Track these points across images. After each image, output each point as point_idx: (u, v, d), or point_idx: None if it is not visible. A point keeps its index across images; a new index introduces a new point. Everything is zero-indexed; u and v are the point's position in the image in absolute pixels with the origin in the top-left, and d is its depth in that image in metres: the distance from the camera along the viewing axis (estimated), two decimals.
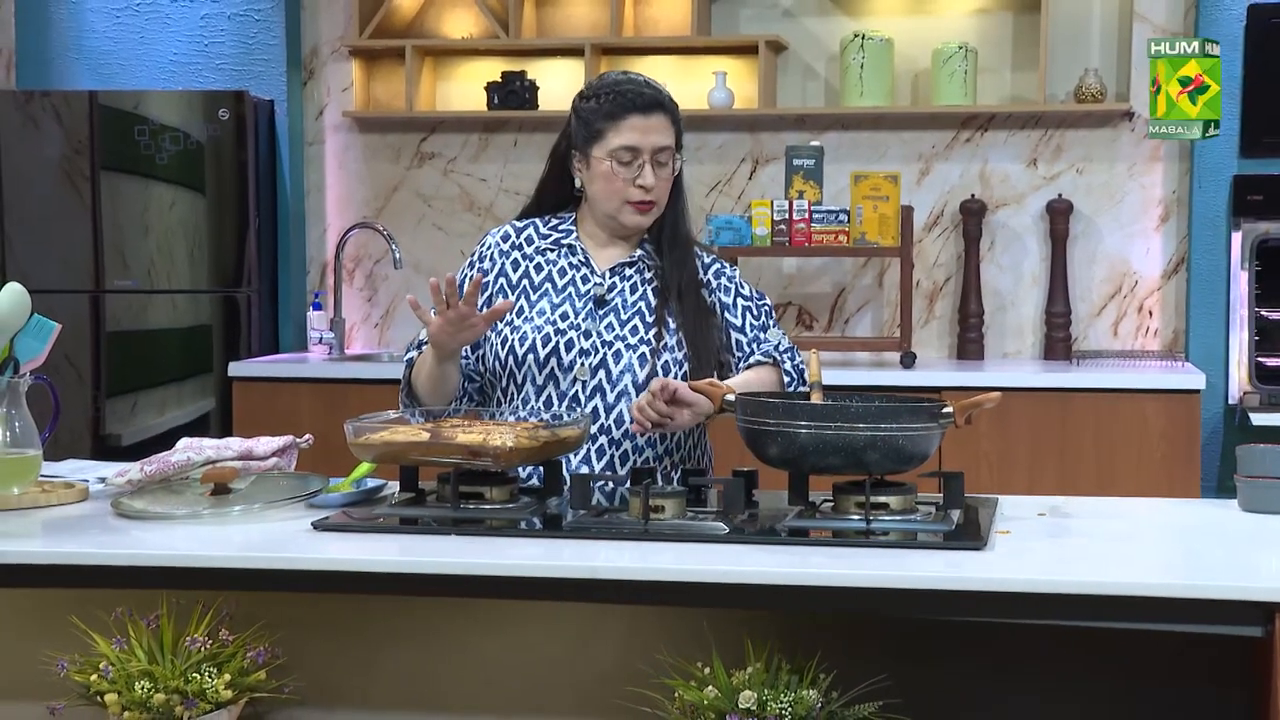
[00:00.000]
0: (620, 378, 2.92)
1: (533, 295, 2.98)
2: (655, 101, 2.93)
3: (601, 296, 2.97)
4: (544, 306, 2.96)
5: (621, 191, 2.93)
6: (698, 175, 5.80)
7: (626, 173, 2.92)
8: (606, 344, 2.93)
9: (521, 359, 2.93)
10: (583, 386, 2.91)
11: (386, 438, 2.60)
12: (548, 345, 2.92)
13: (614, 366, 2.92)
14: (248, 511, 2.60)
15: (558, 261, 3.01)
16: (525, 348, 2.93)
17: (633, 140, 2.90)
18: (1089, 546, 2.47)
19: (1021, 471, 5.03)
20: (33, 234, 5.83)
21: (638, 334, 2.95)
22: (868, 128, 5.70)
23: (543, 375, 2.92)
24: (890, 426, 2.51)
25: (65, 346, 5.82)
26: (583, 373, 2.91)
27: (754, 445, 2.62)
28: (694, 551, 2.39)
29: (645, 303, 2.98)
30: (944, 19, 5.69)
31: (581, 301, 2.97)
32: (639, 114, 2.91)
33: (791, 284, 5.78)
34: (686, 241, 3.04)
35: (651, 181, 2.91)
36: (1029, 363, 5.53)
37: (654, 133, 2.91)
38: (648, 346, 2.93)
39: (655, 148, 2.91)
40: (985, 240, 5.62)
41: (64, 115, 5.78)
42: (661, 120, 2.93)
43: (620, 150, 2.90)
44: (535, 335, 2.93)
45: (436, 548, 2.42)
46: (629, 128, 2.90)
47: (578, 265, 3.00)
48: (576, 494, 2.58)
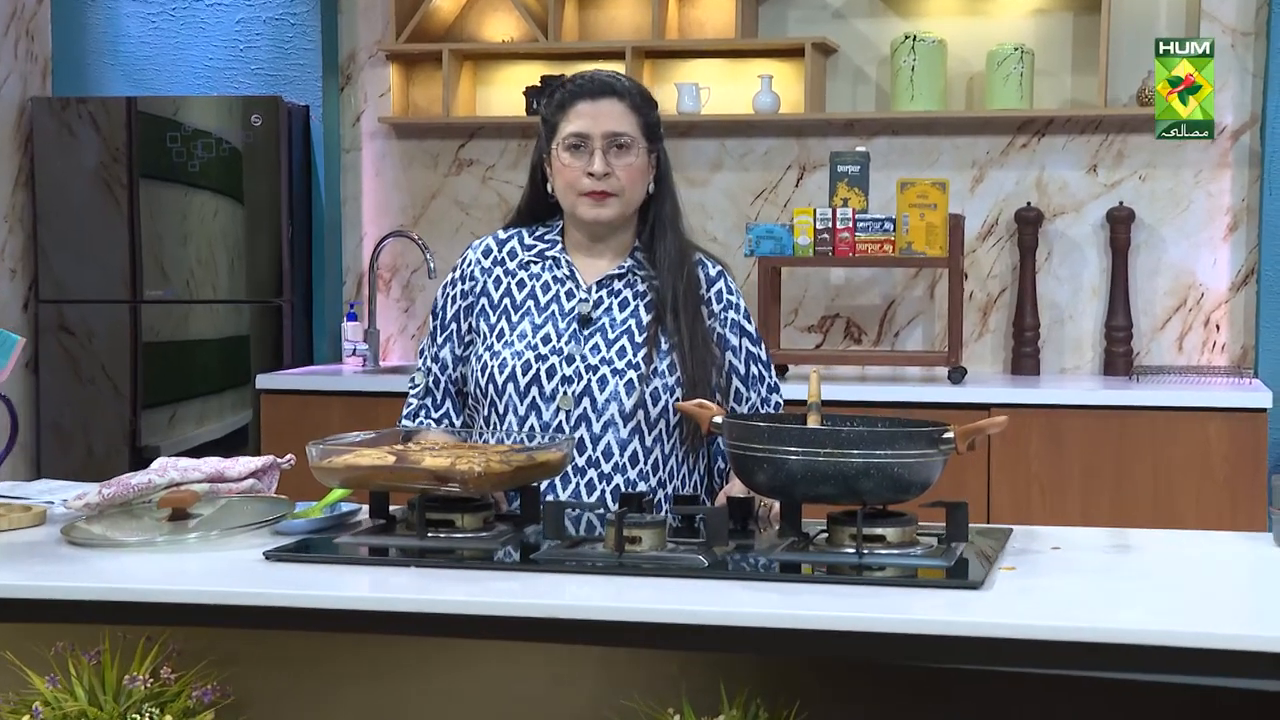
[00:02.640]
0: (606, 406, 2.75)
1: (514, 315, 2.82)
2: (605, 87, 2.77)
3: (587, 315, 2.81)
4: (525, 329, 2.80)
5: (575, 182, 2.77)
6: (742, 182, 5.64)
7: (576, 161, 2.76)
8: (591, 369, 2.76)
9: (501, 387, 2.77)
10: (566, 416, 2.75)
11: (350, 461, 2.47)
12: (528, 373, 2.76)
13: (599, 394, 2.75)
14: (204, 539, 2.47)
15: (541, 276, 2.85)
16: (505, 375, 2.77)
17: (580, 126, 2.75)
18: (1098, 586, 2.28)
19: (1074, 495, 4.82)
20: (69, 243, 5.77)
21: (625, 356, 2.77)
22: (919, 133, 5.51)
23: (524, 405, 2.76)
24: (885, 453, 2.34)
25: (101, 357, 5.77)
26: (565, 402, 2.75)
27: (742, 472, 2.46)
28: (667, 588, 2.23)
29: (636, 320, 2.81)
30: (999, 20, 5.49)
31: (565, 322, 2.81)
32: (586, 100, 2.76)
33: (839, 295, 5.60)
34: (681, 247, 2.85)
35: (600, 167, 2.74)
36: (1087, 379, 5.32)
37: (604, 118, 2.75)
38: (635, 372, 2.76)
39: (606, 132, 2.74)
40: (1042, 250, 5.42)
41: (101, 122, 5.73)
42: (614, 105, 2.76)
43: (569, 138, 2.75)
44: (515, 361, 2.77)
45: (393, 581, 2.28)
46: (576, 115, 2.76)
47: (562, 280, 2.84)
48: (550, 523, 2.42)
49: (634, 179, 2.79)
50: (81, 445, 5.83)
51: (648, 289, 2.83)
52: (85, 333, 5.81)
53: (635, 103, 2.79)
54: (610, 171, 2.76)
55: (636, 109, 2.79)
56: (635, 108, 2.79)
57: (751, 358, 2.89)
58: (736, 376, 2.87)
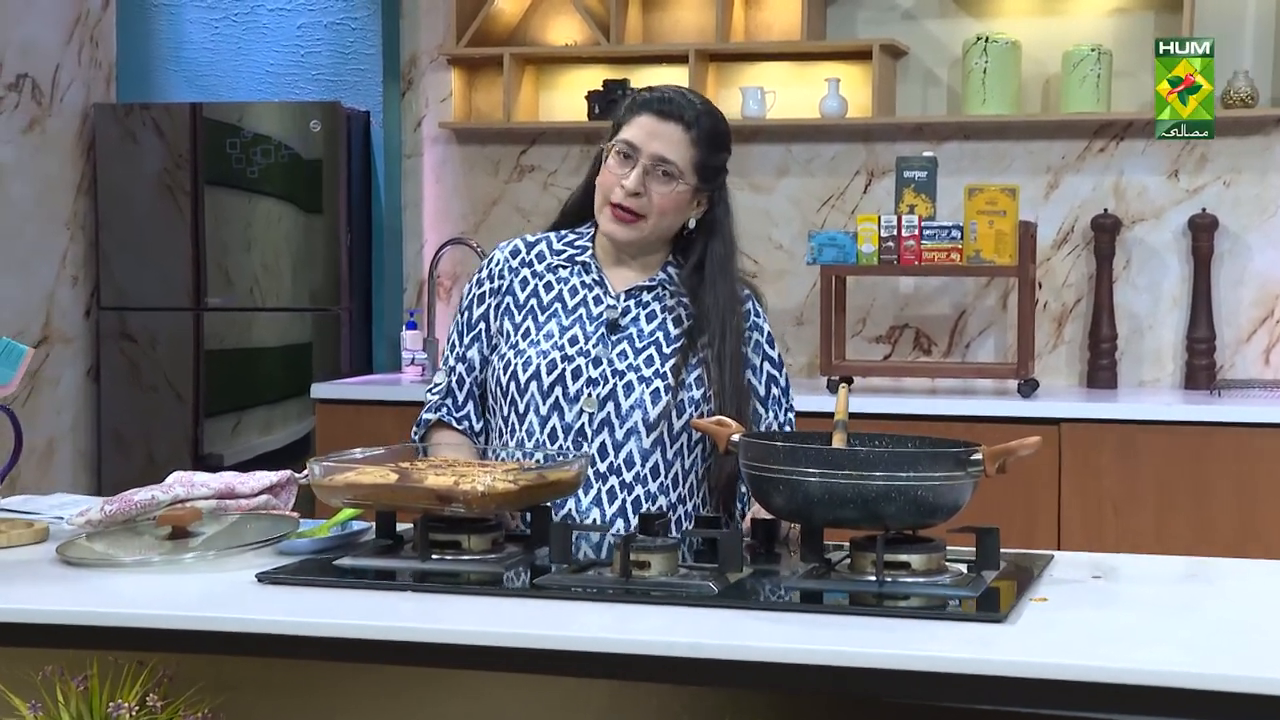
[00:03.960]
0: (630, 413, 2.68)
1: (540, 316, 2.75)
2: (675, 111, 2.68)
3: (615, 321, 2.73)
4: (552, 329, 2.73)
5: (608, 188, 2.70)
6: (808, 189, 5.51)
7: (619, 168, 2.68)
8: (618, 374, 2.69)
9: (524, 385, 2.70)
10: (589, 419, 2.67)
11: (351, 480, 2.38)
12: (553, 371, 2.69)
13: (624, 400, 2.68)
14: (202, 559, 2.40)
15: (569, 280, 2.77)
16: (529, 373, 2.70)
17: (634, 136, 2.68)
18: (1135, 620, 2.14)
19: (1149, 516, 4.64)
20: (131, 250, 5.77)
21: (653, 365, 2.70)
22: (991, 137, 5.35)
23: (546, 405, 2.68)
24: (908, 475, 2.22)
25: (164, 365, 5.76)
26: (590, 404, 2.67)
27: (759, 494, 2.35)
28: (674, 617, 2.13)
29: (664, 333, 2.73)
30: (1076, 19, 5.33)
31: (593, 325, 2.73)
32: (652, 115, 2.68)
33: (908, 305, 5.45)
34: (723, 277, 2.75)
35: (635, 185, 2.65)
36: (1166, 392, 5.14)
37: (659, 139, 2.67)
38: (662, 381, 2.69)
39: (655, 155, 2.66)
40: (1120, 259, 5.24)
41: (165, 128, 5.71)
42: (675, 131, 2.67)
43: (620, 143, 2.69)
44: (540, 360, 2.70)
45: (387, 607, 2.19)
46: (636, 125, 2.69)
47: (590, 285, 2.77)
48: (557, 546, 2.32)
49: (666, 208, 2.69)
50: (143, 453, 5.82)
51: (676, 304, 2.75)
52: (147, 340, 5.80)
53: (699, 137, 2.69)
54: (643, 192, 2.67)
55: (698, 144, 2.69)
56: (697, 142, 2.69)
57: (772, 380, 2.81)
58: (755, 397, 2.78)
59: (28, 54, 5.47)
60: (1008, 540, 4.55)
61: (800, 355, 5.49)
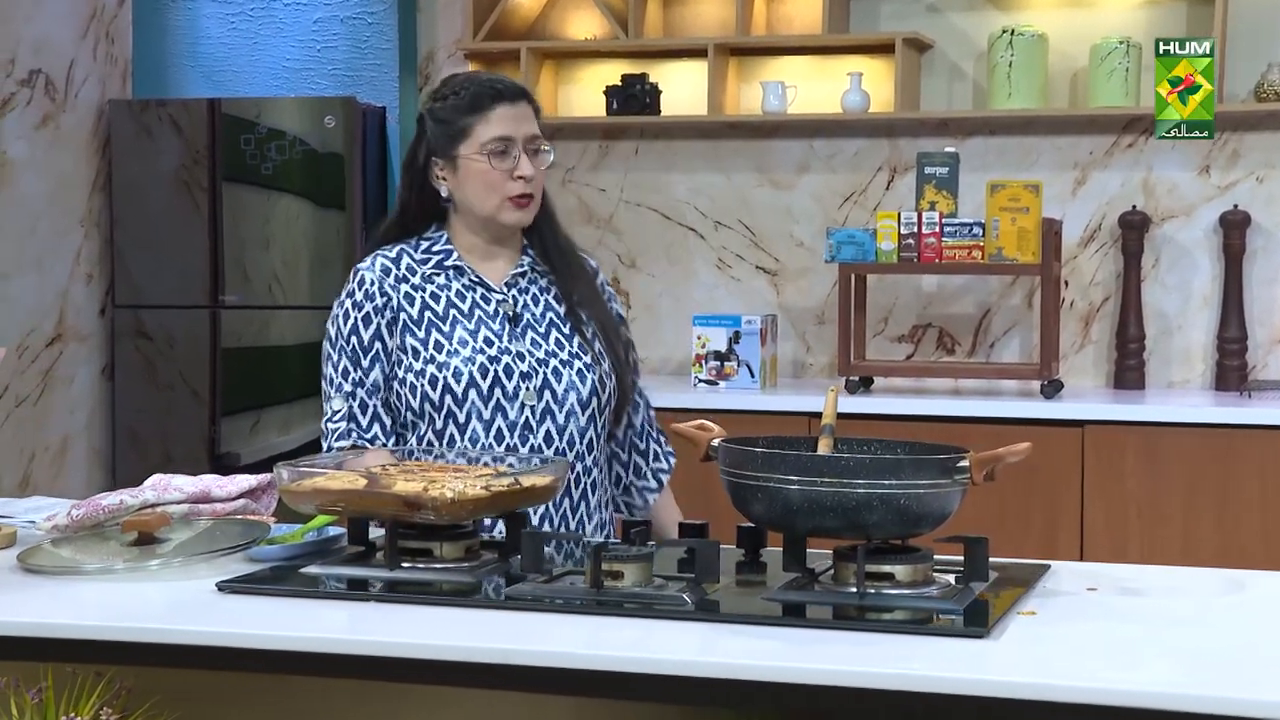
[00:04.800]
0: (566, 396, 2.76)
1: (444, 326, 2.76)
2: (519, 90, 2.80)
3: (515, 314, 2.80)
4: (462, 335, 2.75)
5: (500, 187, 2.75)
6: (829, 185, 5.42)
7: (503, 165, 2.74)
8: (541, 362, 2.77)
9: (461, 395, 2.71)
10: (532, 412, 2.73)
11: (320, 485, 2.32)
12: (486, 375, 2.72)
13: (556, 385, 2.76)
14: (166, 566, 2.34)
15: (449, 285, 2.79)
16: (463, 383, 2.71)
17: (505, 130, 2.75)
18: (1124, 635, 2.05)
19: (1175, 521, 4.53)
20: (146, 247, 5.73)
21: (564, 348, 2.79)
22: (1017, 132, 5.25)
23: (489, 408, 2.71)
24: (890, 483, 2.13)
25: (180, 363, 5.72)
26: (529, 397, 2.74)
27: (737, 501, 2.27)
28: (645, 630, 2.05)
29: (554, 314, 2.83)
30: (1105, 11, 5.21)
31: (497, 323, 2.78)
32: (506, 103, 2.76)
33: (931, 303, 5.35)
34: (570, 245, 2.91)
35: (530, 171, 2.76)
36: (1196, 393, 5.02)
37: (524, 121, 2.77)
38: (580, 360, 2.79)
39: (528, 136, 2.77)
40: (1149, 257, 5.13)
41: (182, 124, 5.67)
42: (528, 109, 2.80)
43: (493, 142, 2.74)
44: (468, 367, 2.72)
45: (349, 617, 2.12)
46: (498, 118, 2.75)
47: (471, 286, 2.80)
48: (528, 555, 2.25)
49: (542, 181, 2.83)
50: (159, 452, 5.78)
51: (549, 284, 2.85)
52: (163, 338, 5.76)
53: (537, 106, 2.84)
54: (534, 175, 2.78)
55: (538, 113, 2.83)
56: (538, 111, 2.83)
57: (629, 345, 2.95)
58: None
59: (41, 50, 5.44)
60: (1027, 547, 4.49)
61: (821, 355, 5.40)
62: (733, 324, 5.03)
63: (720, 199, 5.52)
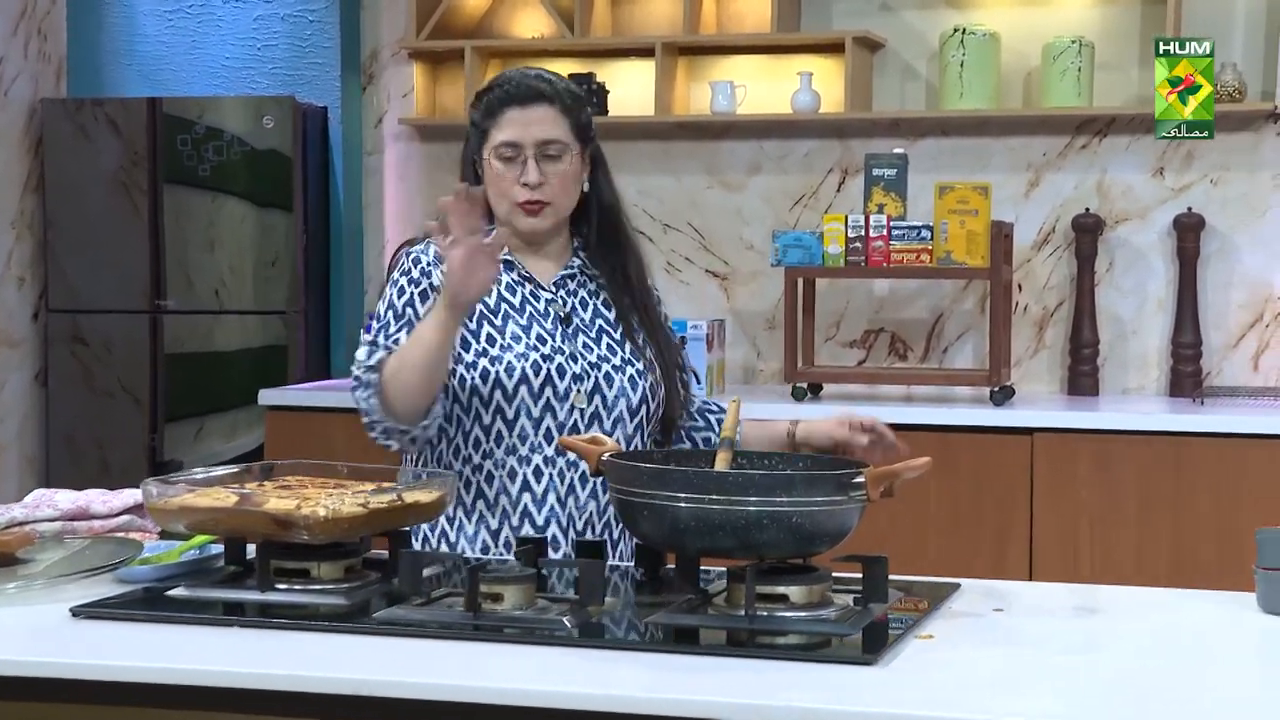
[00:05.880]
0: (616, 403, 2.68)
1: (495, 320, 2.68)
2: (534, 93, 2.68)
3: (567, 314, 2.72)
4: (515, 330, 2.67)
5: (508, 192, 2.68)
6: (780, 186, 5.32)
7: (510, 171, 2.67)
8: (594, 366, 2.69)
9: (512, 391, 2.63)
10: (581, 415, 2.65)
11: (187, 502, 2.21)
12: (539, 373, 2.64)
13: (608, 391, 2.68)
14: (25, 590, 2.23)
15: (501, 278, 2.69)
16: (515, 379, 2.63)
17: (512, 135, 2.66)
18: (1018, 661, 1.95)
19: (1128, 530, 4.43)
20: (82, 249, 5.62)
21: (617, 353, 2.71)
22: (969, 133, 5.15)
23: (538, 407, 2.64)
24: (782, 499, 2.04)
25: (118, 369, 5.61)
26: (580, 400, 2.66)
27: (626, 519, 2.17)
28: (520, 658, 1.95)
29: (603, 319, 2.75)
30: (1057, 10, 5.12)
31: (549, 322, 2.70)
32: (516, 107, 2.67)
33: (883, 308, 5.26)
34: (627, 244, 2.80)
35: (535, 178, 2.65)
36: (1151, 400, 4.93)
37: (535, 125, 2.67)
38: (633, 367, 2.71)
39: (538, 141, 2.66)
40: (1103, 260, 5.04)
41: (121, 123, 5.57)
42: (545, 111, 2.68)
43: (501, 147, 2.67)
44: (522, 364, 2.64)
45: (209, 645, 2.01)
46: (507, 122, 2.67)
47: (521, 281, 2.73)
48: (406, 577, 2.15)
49: (566, 186, 2.72)
50: (95, 460, 5.67)
51: (598, 288, 2.77)
52: (101, 343, 5.65)
53: (565, 105, 2.72)
54: (544, 181, 2.67)
55: (567, 111, 2.72)
56: (566, 110, 2.72)
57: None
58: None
59: None
60: (976, 559, 4.39)
61: (772, 360, 5.30)
62: (678, 329, 4.90)
63: (669, 201, 5.42)
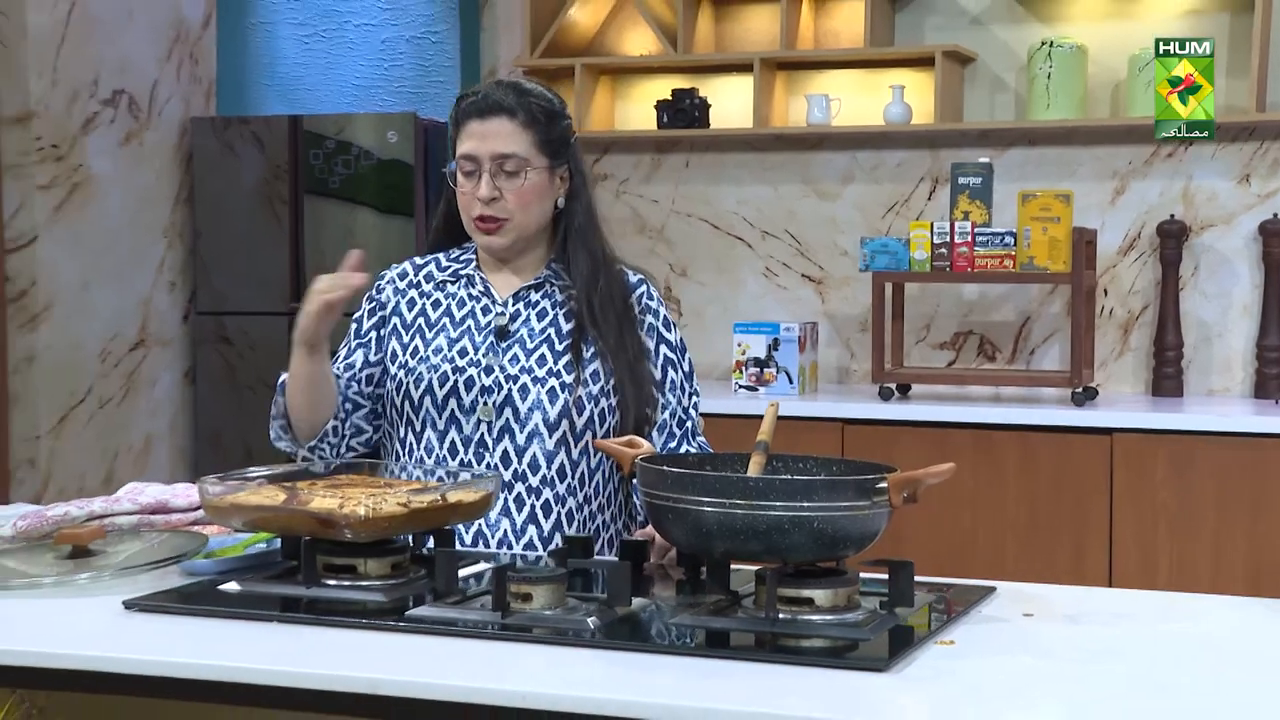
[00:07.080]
0: (529, 416, 2.48)
1: (428, 333, 2.56)
2: (494, 105, 2.48)
3: (504, 328, 2.54)
4: (440, 343, 2.54)
5: (467, 206, 2.51)
6: (873, 195, 5.16)
7: (468, 185, 2.49)
8: (511, 379, 2.49)
9: (418, 402, 2.50)
10: (488, 428, 2.48)
11: (238, 500, 2.14)
12: (445, 385, 2.50)
13: (520, 404, 2.48)
14: (95, 580, 2.17)
15: (456, 294, 2.59)
16: (421, 390, 2.50)
17: (469, 148, 2.49)
18: (1034, 670, 1.79)
19: (1206, 532, 4.21)
20: (228, 257, 5.63)
21: (545, 365, 2.51)
22: (1056, 143, 4.95)
23: (443, 419, 2.49)
24: (805, 505, 1.91)
25: (258, 367, 5.61)
26: (486, 412, 2.48)
27: (655, 523, 2.05)
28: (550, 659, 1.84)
29: (555, 329, 2.55)
30: (1144, 22, 4.89)
31: (481, 335, 2.54)
32: (475, 119, 2.49)
33: (972, 311, 5.07)
34: (595, 258, 2.56)
35: (486, 193, 2.47)
36: (1235, 401, 4.69)
37: (492, 139, 2.47)
38: (557, 380, 2.49)
39: (494, 154, 2.47)
40: (1187, 265, 4.80)
41: (265, 139, 5.57)
42: (503, 125, 2.47)
43: (462, 160, 2.50)
44: (431, 375, 2.51)
45: (252, 640, 1.93)
46: (467, 135, 2.50)
47: (477, 296, 2.58)
48: (441, 575, 2.05)
49: (525, 202, 2.51)
50: (239, 451, 5.67)
51: (566, 299, 2.57)
52: (244, 343, 5.66)
53: (528, 119, 2.49)
54: (498, 195, 2.48)
55: (530, 125, 2.49)
56: (528, 124, 2.49)
57: (670, 365, 2.59)
58: (653, 384, 2.56)
59: (125, 70, 5.35)
60: (1055, 560, 4.19)
61: (865, 361, 5.14)
62: (772, 331, 4.79)
63: (767, 209, 5.29)
